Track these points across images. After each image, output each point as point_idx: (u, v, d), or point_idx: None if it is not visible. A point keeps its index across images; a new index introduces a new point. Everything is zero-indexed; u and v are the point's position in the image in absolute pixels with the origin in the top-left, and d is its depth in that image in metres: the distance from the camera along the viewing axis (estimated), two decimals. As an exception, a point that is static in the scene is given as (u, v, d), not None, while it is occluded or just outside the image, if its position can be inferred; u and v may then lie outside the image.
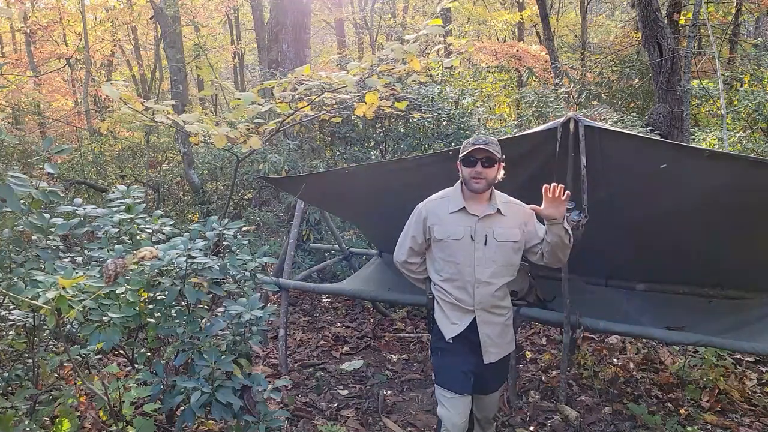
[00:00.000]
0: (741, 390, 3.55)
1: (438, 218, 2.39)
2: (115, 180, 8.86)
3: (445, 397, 2.36)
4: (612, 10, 18.04)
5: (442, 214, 2.39)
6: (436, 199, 2.47)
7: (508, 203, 2.42)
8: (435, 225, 2.39)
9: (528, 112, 8.25)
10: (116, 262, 2.05)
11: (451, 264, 2.36)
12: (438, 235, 2.37)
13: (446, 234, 2.35)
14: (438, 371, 2.44)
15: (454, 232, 2.34)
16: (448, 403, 2.35)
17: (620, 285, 3.81)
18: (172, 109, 3.16)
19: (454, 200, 2.39)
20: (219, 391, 2.16)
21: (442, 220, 2.38)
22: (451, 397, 2.34)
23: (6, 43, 16.44)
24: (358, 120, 5.95)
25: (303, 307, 5.66)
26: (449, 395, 2.35)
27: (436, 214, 2.40)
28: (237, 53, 15.70)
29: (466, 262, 2.33)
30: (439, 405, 2.40)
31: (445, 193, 2.47)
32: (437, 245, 2.40)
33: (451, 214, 2.37)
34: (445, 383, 2.37)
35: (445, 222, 2.37)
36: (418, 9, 16.73)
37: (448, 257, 2.36)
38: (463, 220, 2.35)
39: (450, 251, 2.35)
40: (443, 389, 2.37)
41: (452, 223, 2.36)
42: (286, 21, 7.51)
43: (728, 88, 8.05)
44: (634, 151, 2.83)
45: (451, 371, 2.37)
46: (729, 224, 2.96)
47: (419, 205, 2.50)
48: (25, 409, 2.46)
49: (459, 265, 2.34)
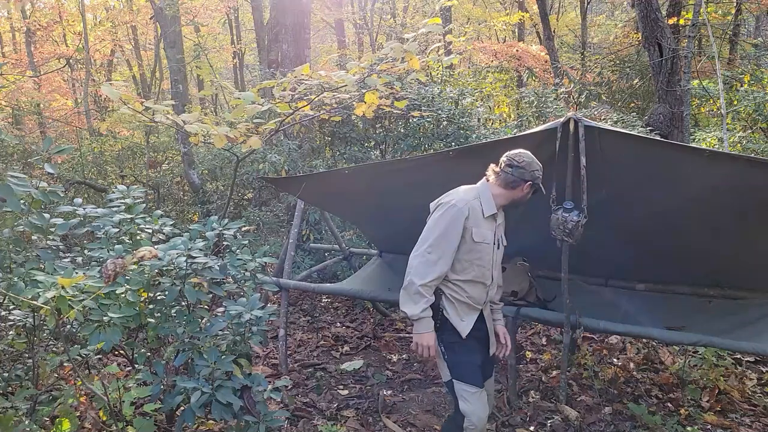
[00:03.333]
0: (741, 390, 3.55)
1: (476, 220, 2.36)
2: (115, 180, 8.85)
3: (469, 392, 2.36)
4: (612, 10, 18.04)
5: (479, 216, 2.37)
6: (472, 199, 2.38)
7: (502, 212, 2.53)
8: (473, 227, 2.34)
9: (528, 112, 8.25)
10: (116, 262, 2.05)
11: (478, 267, 2.38)
12: (476, 238, 2.34)
13: (482, 238, 2.36)
14: (456, 367, 2.41)
15: (486, 236, 2.38)
16: (472, 399, 2.35)
17: (620, 285, 3.81)
18: (172, 109, 3.17)
19: (487, 205, 2.39)
20: (219, 391, 2.16)
21: (478, 222, 2.36)
22: (475, 392, 2.36)
23: (6, 43, 16.45)
24: (358, 120, 5.95)
25: (303, 307, 5.66)
26: (473, 390, 2.36)
27: (475, 216, 2.36)
28: (237, 53, 15.69)
29: (488, 265, 2.41)
30: (462, 401, 2.37)
31: (474, 194, 2.41)
32: (468, 246, 2.35)
33: (485, 218, 2.38)
34: (467, 378, 2.38)
35: (481, 225, 2.37)
36: (418, 9, 16.72)
37: (476, 259, 2.37)
38: (491, 225, 2.41)
39: (480, 254, 2.37)
40: (466, 384, 2.37)
41: (485, 227, 2.38)
42: (286, 21, 7.51)
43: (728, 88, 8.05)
44: (634, 151, 2.83)
45: (470, 366, 2.39)
46: (729, 224, 2.96)
47: (454, 203, 2.34)
48: (25, 409, 2.46)
49: (484, 268, 2.40)
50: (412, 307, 2.29)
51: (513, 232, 2.92)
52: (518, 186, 2.38)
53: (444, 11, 13.01)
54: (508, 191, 2.40)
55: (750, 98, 7.24)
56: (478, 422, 2.33)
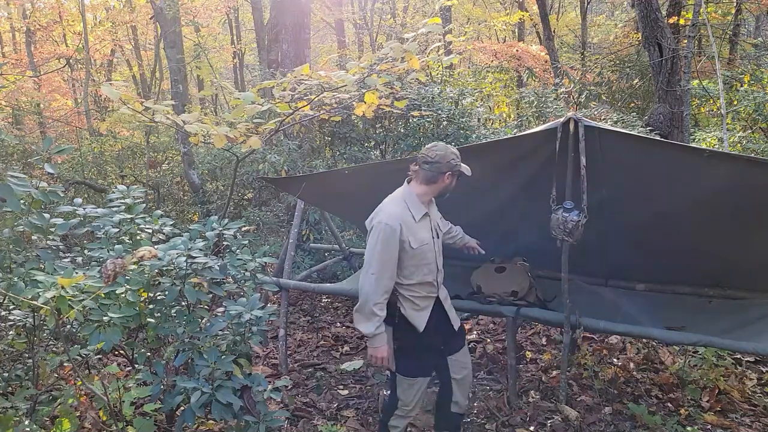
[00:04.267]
0: (741, 390, 3.55)
1: (410, 230, 2.45)
2: (115, 180, 8.85)
3: (408, 383, 2.61)
4: (612, 10, 18.03)
5: (411, 224, 2.47)
6: (401, 212, 2.47)
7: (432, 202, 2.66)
8: (409, 237, 2.44)
9: (528, 112, 8.25)
10: (115, 262, 2.05)
11: (424, 265, 2.52)
12: (414, 245, 2.46)
13: (420, 242, 2.48)
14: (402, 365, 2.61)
15: (424, 238, 2.50)
16: (409, 388, 2.61)
17: (620, 285, 3.80)
18: (172, 108, 3.16)
19: (415, 208, 2.50)
20: (219, 391, 2.16)
21: (412, 230, 2.46)
22: (412, 383, 2.60)
23: (6, 43, 16.44)
24: (357, 120, 5.95)
25: (303, 307, 5.66)
26: (410, 381, 2.60)
27: (408, 226, 2.45)
28: (237, 53, 15.69)
29: (432, 260, 2.56)
30: (399, 388, 2.62)
31: (401, 203, 2.51)
32: (409, 254, 2.46)
33: (417, 222, 2.49)
34: (408, 373, 2.60)
35: (415, 231, 2.47)
36: (418, 9, 16.72)
37: (421, 261, 2.50)
38: (426, 224, 2.55)
39: (423, 254, 2.50)
40: (403, 376, 2.61)
41: (420, 230, 2.50)
42: (286, 21, 7.50)
43: (728, 88, 8.04)
44: (634, 151, 2.82)
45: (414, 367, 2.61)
46: (729, 224, 2.96)
47: (385, 222, 2.40)
48: (25, 409, 2.46)
49: (429, 265, 2.54)
50: (367, 326, 2.45)
51: (513, 232, 2.92)
52: (438, 179, 2.49)
53: (444, 11, 13.01)
54: (430, 187, 2.51)
55: (750, 98, 7.24)
56: (410, 406, 2.63)
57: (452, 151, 2.50)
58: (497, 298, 3.50)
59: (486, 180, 3.09)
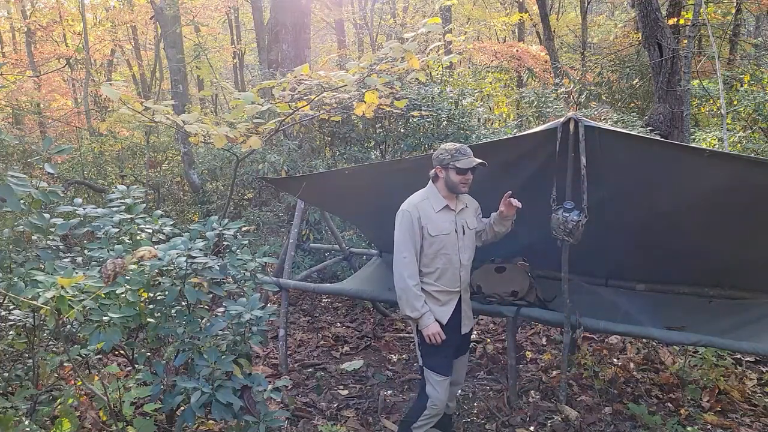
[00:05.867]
0: (741, 390, 3.55)
1: (428, 218, 2.65)
2: (115, 180, 8.84)
3: (436, 380, 2.71)
4: (612, 10, 18.03)
5: (430, 213, 2.66)
6: (419, 201, 2.69)
7: (467, 198, 2.82)
8: (427, 224, 2.64)
9: (528, 112, 8.25)
10: (115, 262, 2.05)
11: (442, 256, 2.67)
12: (432, 232, 2.64)
13: (438, 231, 2.65)
14: (427, 356, 2.73)
15: (443, 228, 2.66)
16: (438, 386, 2.71)
17: (620, 285, 3.80)
18: (172, 109, 3.17)
19: (436, 200, 2.69)
20: (219, 391, 2.16)
21: (431, 218, 2.65)
22: (441, 380, 2.71)
23: (6, 43, 16.43)
24: (357, 120, 5.95)
25: (303, 307, 5.66)
26: (440, 378, 2.71)
27: (426, 215, 2.65)
28: (237, 53, 15.69)
29: (454, 251, 2.69)
30: (429, 385, 2.73)
31: (423, 195, 2.72)
32: (428, 241, 2.65)
33: (437, 212, 2.67)
34: (436, 368, 2.71)
35: (434, 220, 2.66)
36: (418, 9, 16.71)
37: (440, 249, 2.66)
38: (448, 216, 2.69)
39: (443, 243, 2.66)
40: (434, 373, 2.70)
41: (440, 221, 2.66)
42: (286, 21, 7.51)
43: (728, 88, 8.04)
44: (634, 151, 2.82)
45: (440, 358, 2.72)
46: (729, 224, 2.96)
47: (404, 209, 2.66)
48: (25, 409, 2.46)
49: (449, 255, 2.68)
50: (414, 308, 2.62)
51: (513, 232, 2.92)
52: (438, 177, 2.69)
53: (444, 11, 13.00)
54: (439, 184, 2.71)
55: (750, 98, 7.24)
56: (439, 404, 2.71)
57: (445, 148, 2.65)
58: (497, 298, 3.50)
59: (486, 180, 3.09)
